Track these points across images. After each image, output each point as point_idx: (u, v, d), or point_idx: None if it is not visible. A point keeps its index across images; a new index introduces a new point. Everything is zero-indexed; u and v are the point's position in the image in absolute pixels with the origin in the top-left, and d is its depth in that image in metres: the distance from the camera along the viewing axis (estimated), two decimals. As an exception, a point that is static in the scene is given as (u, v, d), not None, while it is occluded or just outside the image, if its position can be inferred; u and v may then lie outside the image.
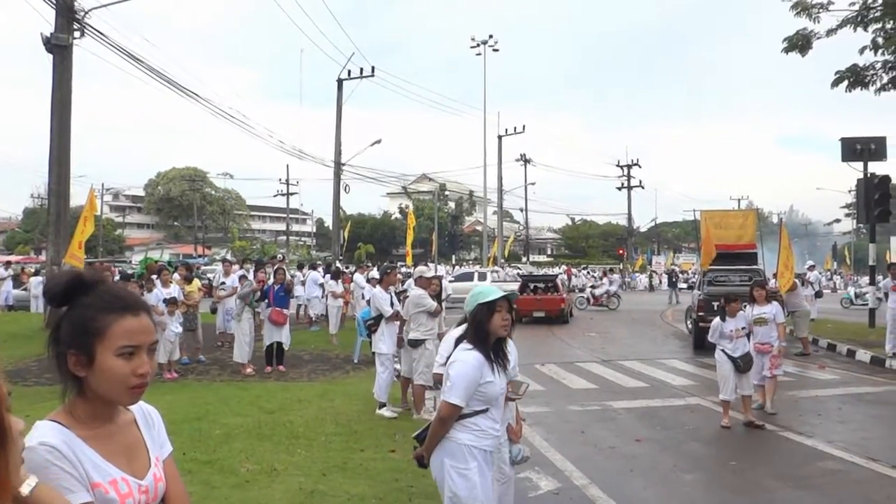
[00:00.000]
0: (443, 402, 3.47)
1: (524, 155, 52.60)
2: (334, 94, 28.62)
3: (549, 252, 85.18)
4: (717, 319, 8.81)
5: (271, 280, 12.11)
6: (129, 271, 20.01)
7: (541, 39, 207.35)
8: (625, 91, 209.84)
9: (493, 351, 3.50)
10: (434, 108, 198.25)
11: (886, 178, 16.20)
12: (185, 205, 75.49)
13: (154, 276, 12.07)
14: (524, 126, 43.22)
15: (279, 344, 11.72)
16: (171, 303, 11.14)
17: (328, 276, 18.08)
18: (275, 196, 59.78)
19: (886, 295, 14.45)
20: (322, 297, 17.66)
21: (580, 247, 78.83)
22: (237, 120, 23.39)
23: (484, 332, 3.45)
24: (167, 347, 10.86)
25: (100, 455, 1.59)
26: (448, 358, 4.06)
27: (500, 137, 42.85)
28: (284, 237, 63.54)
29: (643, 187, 59.82)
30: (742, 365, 8.27)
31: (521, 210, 59.30)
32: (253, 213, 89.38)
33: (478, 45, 37.97)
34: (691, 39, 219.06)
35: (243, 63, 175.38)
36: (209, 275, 21.92)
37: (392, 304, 8.96)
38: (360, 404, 8.97)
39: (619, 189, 58.62)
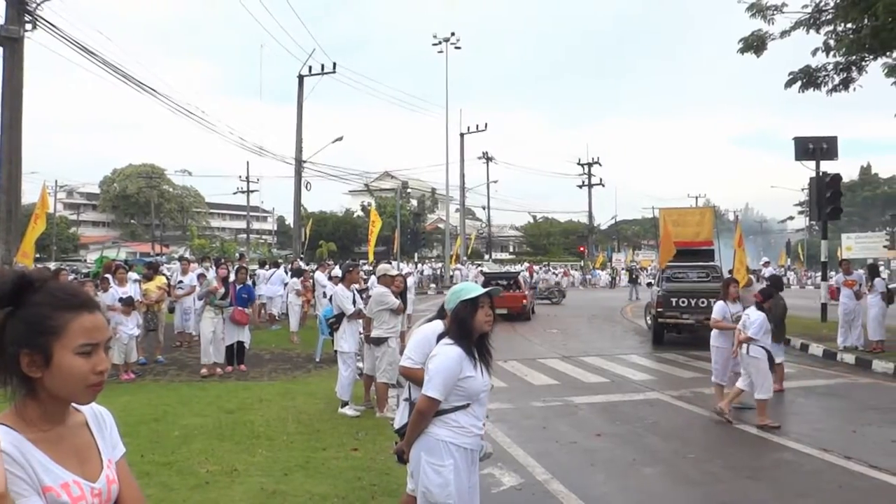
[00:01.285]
0: (421, 396, 3.46)
1: (486, 153, 52.94)
2: (295, 90, 28.38)
3: (511, 249, 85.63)
4: (721, 303, 9.17)
5: (232, 278, 11.93)
6: (84, 270, 19.55)
7: (503, 38, 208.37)
8: (586, 91, 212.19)
9: (477, 347, 3.50)
10: (396, 105, 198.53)
11: (837, 177, 16.64)
12: (142, 202, 74.06)
13: (108, 276, 11.82)
14: (486, 124, 43.38)
15: (240, 343, 11.58)
16: (126, 303, 10.92)
17: (290, 274, 17.93)
18: (235, 193, 59.12)
19: (839, 290, 14.86)
20: (284, 295, 17.52)
21: (542, 244, 79.39)
22: (196, 116, 23.00)
23: (467, 328, 3.46)
24: (122, 349, 10.65)
25: (50, 458, 1.55)
26: (416, 352, 4.05)
27: (462, 135, 42.94)
28: (245, 235, 62.75)
29: (603, 185, 60.74)
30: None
31: (484, 208, 59.66)
32: (212, 210, 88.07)
33: (440, 43, 37.91)
34: (652, 40, 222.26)
35: (202, 58, 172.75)
36: (166, 273, 21.51)
37: (354, 303, 8.92)
38: (322, 403, 8.91)
39: (580, 187, 59.39)
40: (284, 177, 75.84)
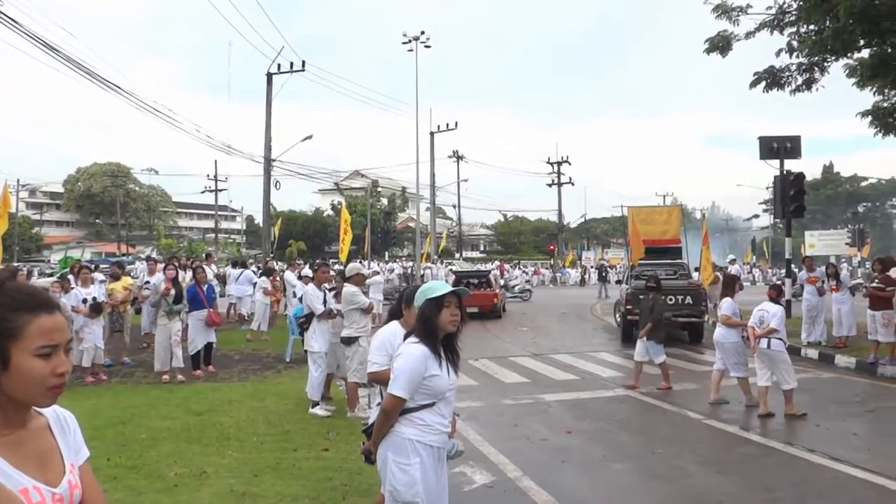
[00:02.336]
0: (387, 395, 3.46)
1: (456, 151, 52.98)
2: (264, 88, 28.12)
3: (481, 248, 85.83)
4: (729, 300, 9.47)
5: (185, 280, 11.72)
6: (48, 271, 19.15)
7: (473, 38, 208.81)
8: (556, 90, 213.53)
9: (444, 347, 3.49)
10: (367, 104, 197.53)
11: (801, 176, 16.97)
12: (108, 202, 72.77)
13: (71, 276, 11.60)
14: (456, 123, 43.40)
15: (208, 344, 11.43)
16: (94, 310, 10.71)
17: (259, 273, 17.79)
18: (203, 192, 58.44)
19: (802, 287, 15.15)
20: (252, 295, 17.36)
21: (512, 243, 79.74)
22: (162, 114, 22.74)
23: (431, 327, 3.44)
24: (90, 353, 10.45)
25: (9, 463, 1.51)
26: (379, 355, 4.05)
27: (432, 134, 42.91)
28: (213, 235, 62.02)
29: (573, 184, 61.13)
30: None
31: (454, 206, 59.72)
32: (180, 210, 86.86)
33: (410, 42, 37.83)
34: (621, 40, 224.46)
35: (169, 55, 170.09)
36: (132, 274, 21.18)
37: (325, 302, 8.87)
38: (292, 404, 8.85)
39: (550, 186, 59.70)
40: (253, 176, 75.43)
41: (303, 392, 8.82)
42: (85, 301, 10.67)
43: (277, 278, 18.34)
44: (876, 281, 12.28)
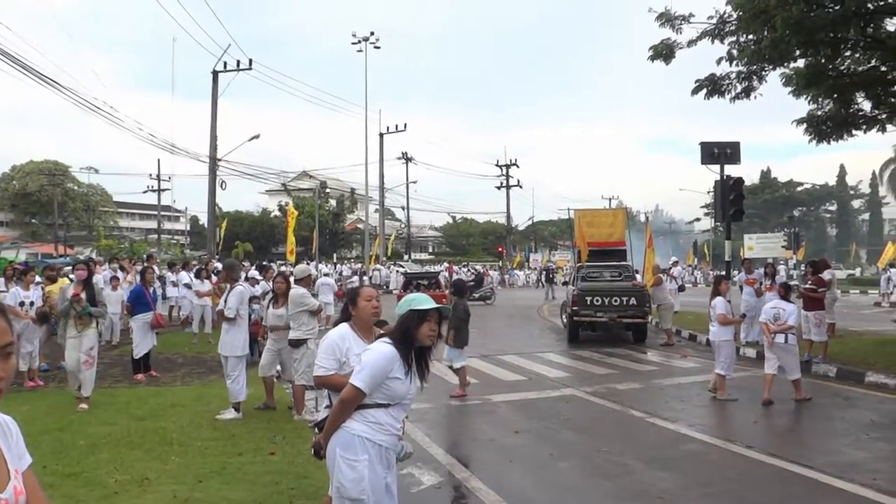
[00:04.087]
0: (348, 384, 3.47)
1: (405, 153, 52.93)
2: (209, 86, 27.62)
3: (430, 250, 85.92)
4: (720, 298, 9.83)
5: (124, 281, 11.42)
6: None
7: (423, 40, 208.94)
8: (504, 93, 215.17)
9: (417, 357, 3.56)
10: (315, 104, 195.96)
11: (740, 180, 17.47)
12: (45, 201, 70.18)
13: (1, 279, 11.20)
14: (406, 124, 43.38)
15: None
16: (41, 319, 10.36)
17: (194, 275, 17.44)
18: (145, 192, 57.11)
19: (741, 288, 15.61)
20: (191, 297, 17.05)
21: (461, 244, 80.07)
22: (103, 111, 22.06)
23: (409, 336, 3.51)
24: (26, 358, 10.10)
25: None
26: (326, 359, 4.03)
27: (381, 135, 42.82)
28: (156, 235, 60.54)
29: (521, 187, 61.80)
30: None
31: (403, 208, 59.61)
32: (121, 209, 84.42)
33: (359, 42, 37.74)
34: (567, 45, 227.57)
35: (110, 51, 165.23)
36: (71, 275, 20.53)
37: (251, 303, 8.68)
38: (238, 407, 8.70)
39: (499, 188, 60.20)
40: (198, 175, 73.71)
41: (249, 396, 8.69)
42: (22, 304, 10.31)
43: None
44: (809, 283, 12.77)
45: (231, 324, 8.52)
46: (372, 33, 37.73)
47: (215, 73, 27.47)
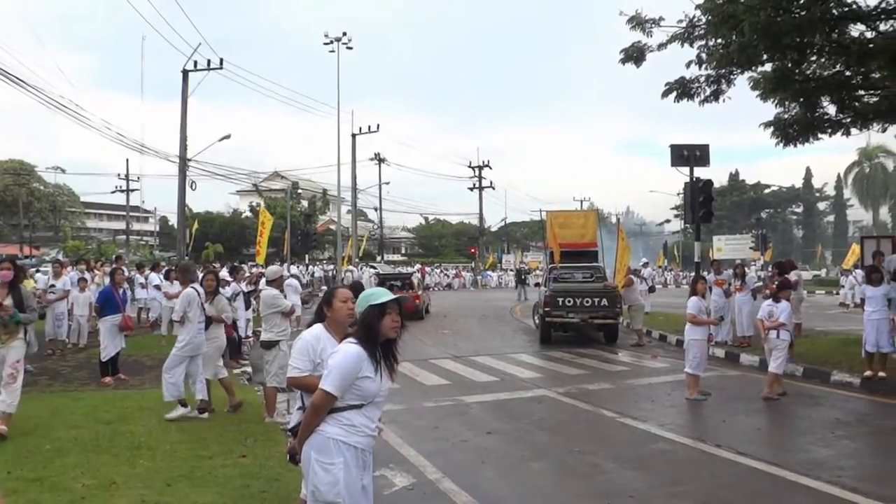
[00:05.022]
0: (318, 390, 3.44)
1: (378, 154, 52.72)
2: (180, 85, 27.28)
3: (403, 251, 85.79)
4: (694, 298, 10.03)
5: (92, 283, 11.21)
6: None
7: (396, 40, 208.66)
8: (477, 94, 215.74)
9: (384, 351, 3.53)
10: (287, 104, 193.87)
11: (709, 182, 17.70)
12: (10, 201, 68.69)
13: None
14: (378, 125, 43.16)
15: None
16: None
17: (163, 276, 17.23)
18: (113, 192, 56.16)
19: (710, 288, 15.82)
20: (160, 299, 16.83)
21: (434, 246, 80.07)
22: (69, 110, 21.64)
23: (373, 332, 3.48)
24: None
25: None
26: (300, 359, 4.00)
27: (353, 136, 42.57)
28: (124, 236, 59.59)
29: (494, 188, 61.98)
30: None
31: (376, 209, 59.35)
32: (88, 210, 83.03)
33: (331, 42, 37.51)
34: (541, 47, 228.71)
35: (78, 50, 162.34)
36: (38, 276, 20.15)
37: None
38: (208, 410, 8.60)
39: (471, 189, 60.28)
40: (168, 176, 72.80)
41: (219, 399, 8.60)
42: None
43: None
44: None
45: (180, 327, 8.47)
46: (344, 33, 37.50)
47: (185, 73, 27.13)
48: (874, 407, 9.48)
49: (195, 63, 27.08)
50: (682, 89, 13.72)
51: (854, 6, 11.55)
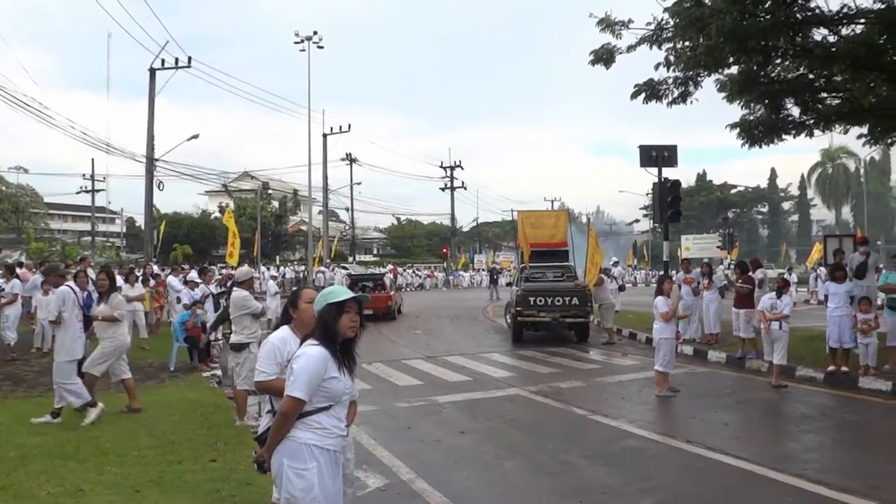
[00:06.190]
0: (285, 397, 3.38)
1: (350, 154, 52.47)
2: (146, 84, 26.91)
3: (375, 252, 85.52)
4: (662, 297, 10.15)
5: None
6: None
7: (368, 40, 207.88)
8: (448, 95, 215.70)
9: (342, 351, 3.48)
10: (257, 104, 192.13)
11: (677, 183, 17.95)
12: (-30, 202, 67.26)
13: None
14: (350, 125, 43.06)
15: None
16: None
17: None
18: (78, 193, 55.13)
19: (679, 287, 16.03)
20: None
21: (406, 246, 79.96)
22: (32, 108, 21.20)
23: (332, 331, 3.43)
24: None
25: None
26: (267, 363, 3.96)
27: (325, 136, 42.39)
28: (90, 238, 58.52)
29: (465, 188, 62.04)
30: None
31: (347, 210, 59.12)
32: (52, 211, 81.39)
33: (302, 42, 37.26)
34: (513, 48, 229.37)
35: (40, 47, 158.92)
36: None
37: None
38: (177, 414, 8.48)
39: (443, 190, 60.27)
40: (135, 176, 71.70)
41: (188, 402, 8.51)
42: None
43: (164, 284, 17.58)
44: (739, 282, 13.25)
45: (58, 328, 8.28)
46: (315, 33, 37.28)
47: (152, 71, 26.80)
48: (837, 401, 9.69)
49: (163, 61, 26.79)
50: (650, 91, 13.87)
51: (817, 11, 11.79)
